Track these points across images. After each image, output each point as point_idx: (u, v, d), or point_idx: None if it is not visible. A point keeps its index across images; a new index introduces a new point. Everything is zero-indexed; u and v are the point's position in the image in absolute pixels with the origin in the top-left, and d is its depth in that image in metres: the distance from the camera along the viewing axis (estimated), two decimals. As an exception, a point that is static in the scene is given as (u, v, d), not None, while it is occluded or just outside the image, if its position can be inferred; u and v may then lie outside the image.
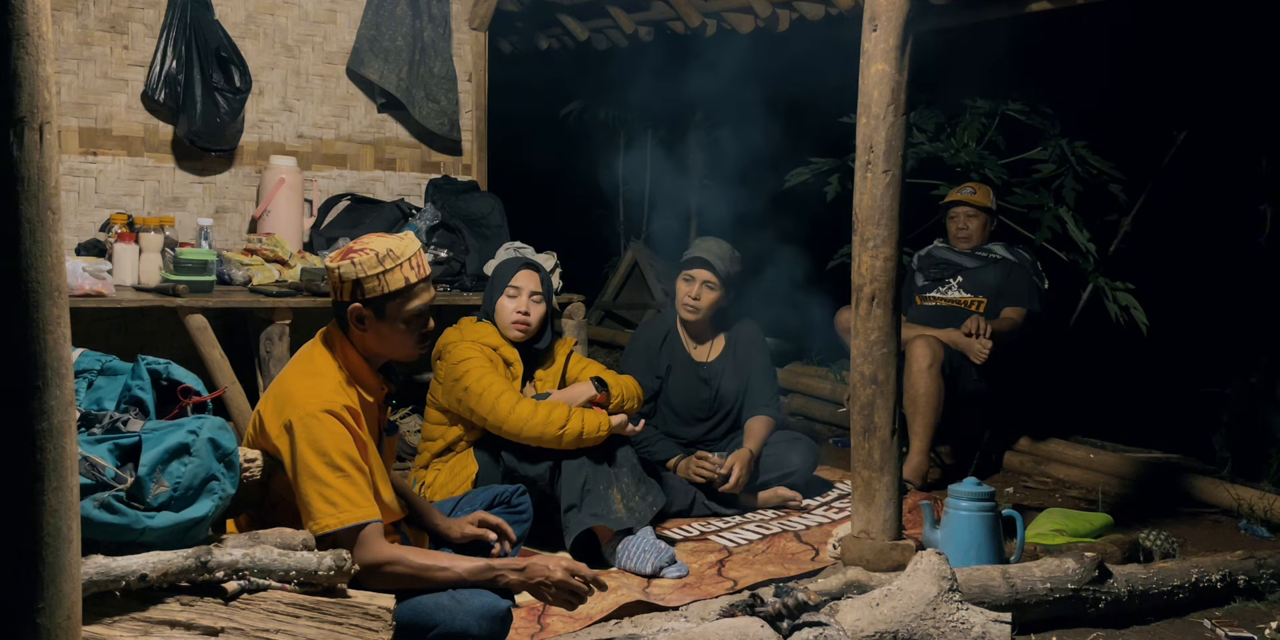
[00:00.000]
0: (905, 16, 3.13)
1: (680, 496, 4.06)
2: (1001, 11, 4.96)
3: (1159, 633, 3.09)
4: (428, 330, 2.57)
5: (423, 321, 2.55)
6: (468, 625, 2.35)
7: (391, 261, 2.46)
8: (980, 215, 4.95)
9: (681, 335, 4.43)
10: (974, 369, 4.56)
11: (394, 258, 2.47)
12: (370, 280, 2.45)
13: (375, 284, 2.46)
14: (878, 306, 3.21)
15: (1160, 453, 4.74)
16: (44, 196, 1.46)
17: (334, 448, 2.36)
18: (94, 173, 4.76)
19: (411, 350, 2.56)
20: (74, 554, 1.54)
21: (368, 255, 2.45)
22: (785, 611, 2.47)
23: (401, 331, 2.52)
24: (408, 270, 2.49)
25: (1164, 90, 5.28)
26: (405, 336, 2.53)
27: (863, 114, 3.20)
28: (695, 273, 4.30)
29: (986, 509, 3.32)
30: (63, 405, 1.49)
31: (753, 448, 4.18)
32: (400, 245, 2.49)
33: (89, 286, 3.93)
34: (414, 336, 2.54)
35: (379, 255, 2.45)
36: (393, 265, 2.46)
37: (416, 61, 5.35)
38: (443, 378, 3.71)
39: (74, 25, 4.67)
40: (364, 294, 2.47)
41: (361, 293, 2.47)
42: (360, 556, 2.31)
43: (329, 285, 2.53)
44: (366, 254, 2.46)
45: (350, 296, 2.48)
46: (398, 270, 2.47)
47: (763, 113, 5.71)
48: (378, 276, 2.45)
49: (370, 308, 2.48)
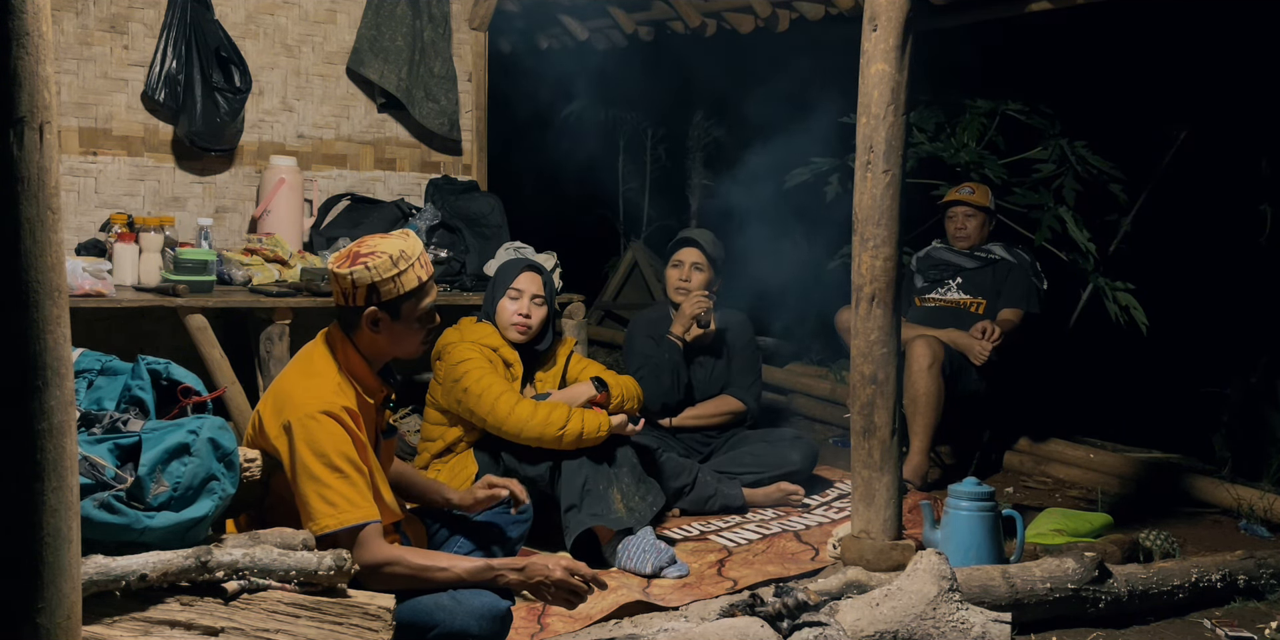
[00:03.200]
0: (905, 16, 3.13)
1: (683, 474, 4.07)
2: (1001, 11, 4.97)
3: (1159, 633, 3.09)
4: (434, 325, 2.58)
5: (432, 318, 2.55)
6: (468, 625, 2.36)
7: (405, 263, 2.45)
8: (979, 214, 4.95)
9: (680, 312, 4.45)
10: (974, 369, 4.56)
11: (406, 259, 2.45)
12: (386, 284, 2.44)
13: (391, 287, 2.44)
14: (878, 306, 3.20)
15: (1160, 453, 4.74)
16: (44, 196, 1.46)
17: (333, 449, 2.36)
18: (94, 173, 4.77)
19: (419, 347, 2.57)
20: (74, 554, 1.54)
21: (381, 259, 2.43)
22: (785, 611, 2.47)
23: (414, 330, 2.52)
24: (419, 270, 2.48)
25: (1164, 90, 5.28)
26: (417, 334, 2.54)
27: (863, 114, 3.20)
28: (683, 254, 4.40)
29: (986, 509, 3.32)
30: (63, 405, 1.49)
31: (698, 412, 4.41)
32: (408, 245, 2.48)
33: (89, 286, 3.93)
34: (423, 334, 2.55)
35: (392, 258, 2.43)
36: (406, 266, 2.45)
37: (416, 61, 5.35)
38: (442, 378, 3.71)
39: (74, 25, 4.67)
40: (380, 298, 2.45)
41: (378, 297, 2.45)
42: (360, 557, 2.31)
43: (336, 291, 2.50)
44: (380, 257, 2.43)
45: (365, 301, 2.46)
46: (410, 271, 2.46)
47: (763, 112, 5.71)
48: (393, 279, 2.44)
49: (386, 310, 2.47)
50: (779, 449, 4.32)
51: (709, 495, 4.10)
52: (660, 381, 4.25)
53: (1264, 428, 4.57)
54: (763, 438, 4.41)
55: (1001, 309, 4.78)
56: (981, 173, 5.36)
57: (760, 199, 5.69)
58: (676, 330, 4.34)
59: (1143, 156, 5.37)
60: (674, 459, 4.09)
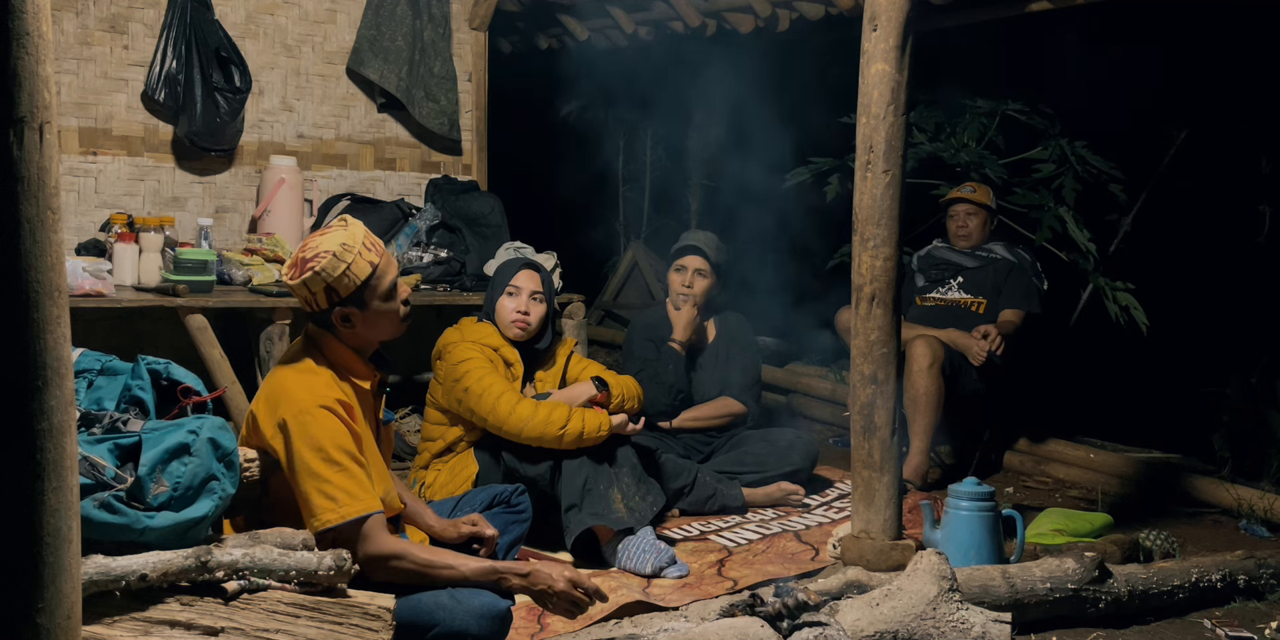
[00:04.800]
0: (905, 16, 3.13)
1: (683, 475, 4.07)
2: (1001, 11, 4.97)
3: (1159, 633, 3.09)
4: (406, 298, 2.56)
5: (397, 292, 2.53)
6: (467, 625, 2.35)
7: (349, 254, 2.42)
8: (980, 213, 4.95)
9: (674, 322, 4.46)
10: (974, 369, 4.56)
11: (350, 249, 2.42)
12: (340, 280, 2.42)
13: (346, 281, 2.42)
14: (878, 306, 3.20)
15: (1160, 453, 4.74)
16: (44, 196, 1.46)
17: (330, 442, 2.35)
18: (94, 173, 4.77)
19: (399, 325, 2.55)
20: (74, 554, 1.54)
21: (326, 258, 2.40)
22: (785, 611, 2.47)
23: (386, 310, 2.50)
24: (367, 254, 2.45)
25: (1164, 90, 5.28)
26: (392, 314, 2.52)
27: (863, 114, 3.20)
28: (687, 261, 4.42)
29: (986, 509, 3.32)
30: (63, 405, 1.49)
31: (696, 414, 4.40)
32: (348, 235, 2.45)
33: (89, 286, 3.93)
34: (398, 310, 2.53)
35: (336, 254, 2.41)
36: (352, 258, 2.42)
37: (416, 61, 5.35)
38: (443, 378, 3.71)
39: (74, 25, 4.67)
40: (340, 295, 2.44)
41: (337, 295, 2.44)
42: (364, 550, 2.31)
43: (299, 300, 2.49)
44: (324, 258, 2.40)
45: (327, 303, 2.45)
46: (359, 259, 2.43)
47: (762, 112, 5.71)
48: (345, 274, 2.42)
49: (351, 305, 2.46)
50: (779, 449, 4.32)
51: (709, 495, 4.10)
52: (659, 387, 4.25)
53: (1264, 428, 4.56)
54: (763, 438, 4.41)
55: (1002, 309, 4.78)
56: (981, 173, 5.36)
57: (760, 199, 5.69)
58: (678, 337, 4.34)
59: (1143, 156, 5.37)
60: (674, 459, 4.09)
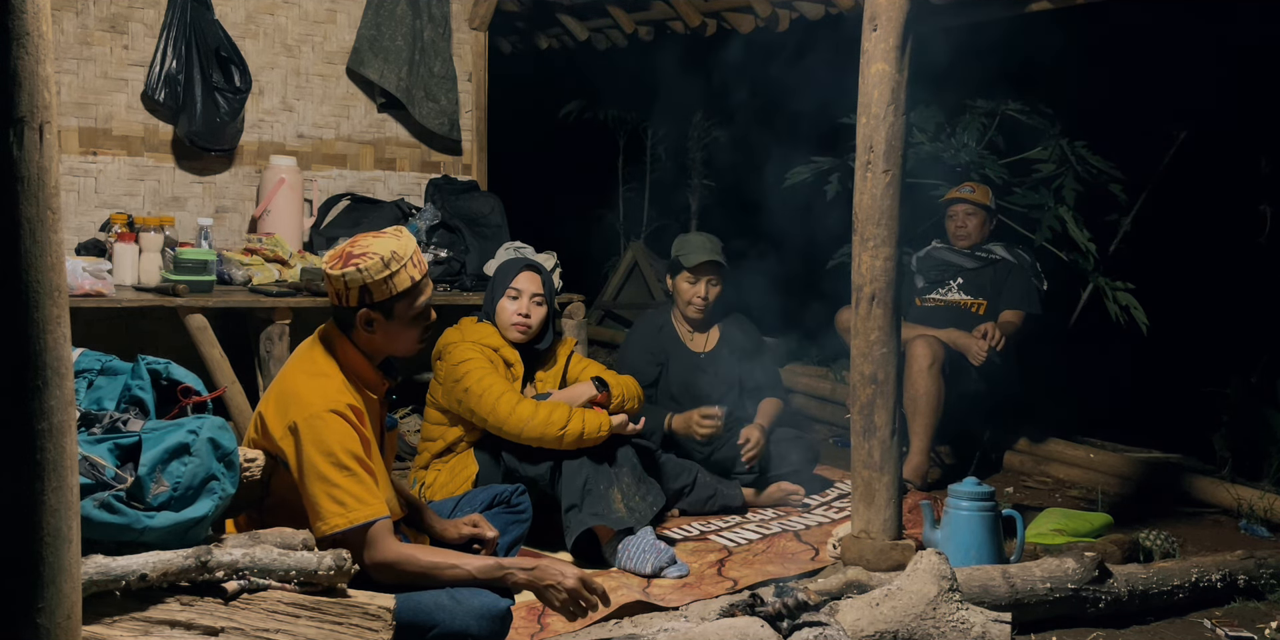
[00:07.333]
0: (905, 16, 3.13)
1: (683, 475, 4.06)
2: (1001, 11, 4.96)
3: (1159, 632, 3.09)
4: (430, 323, 2.57)
5: (427, 316, 2.54)
6: (467, 625, 2.35)
7: (396, 264, 2.43)
8: (979, 213, 4.95)
9: (678, 328, 4.46)
10: (974, 369, 4.56)
11: (399, 259, 2.43)
12: (379, 285, 2.42)
13: (384, 288, 2.42)
14: (878, 306, 3.21)
15: (1160, 453, 4.74)
16: (44, 196, 1.46)
17: (340, 447, 2.35)
18: (94, 173, 4.77)
19: (416, 345, 2.56)
20: (74, 554, 1.53)
21: (373, 260, 2.41)
22: (785, 611, 2.47)
23: (410, 329, 2.51)
24: (412, 269, 2.46)
25: (1164, 90, 5.28)
26: (412, 333, 2.52)
27: (863, 114, 3.20)
28: (701, 270, 4.34)
29: (986, 509, 3.32)
30: (63, 405, 1.49)
31: (764, 423, 4.24)
32: (400, 245, 2.46)
33: (89, 286, 3.93)
34: (419, 331, 2.54)
35: (384, 259, 2.41)
36: (398, 267, 2.43)
37: (416, 61, 5.35)
38: (443, 378, 3.71)
39: (74, 25, 4.67)
40: (372, 298, 2.43)
41: (370, 298, 2.43)
42: (371, 555, 2.31)
43: (330, 290, 2.49)
44: (371, 259, 2.41)
45: (358, 302, 2.44)
46: (403, 271, 2.44)
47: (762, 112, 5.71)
48: (386, 281, 2.42)
49: (379, 311, 2.45)
50: (779, 449, 4.32)
51: (709, 495, 4.10)
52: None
53: (1264, 428, 4.56)
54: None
55: (1002, 310, 4.78)
56: (981, 173, 5.36)
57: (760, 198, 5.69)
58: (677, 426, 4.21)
59: (1143, 156, 5.37)
60: (674, 459, 4.09)
